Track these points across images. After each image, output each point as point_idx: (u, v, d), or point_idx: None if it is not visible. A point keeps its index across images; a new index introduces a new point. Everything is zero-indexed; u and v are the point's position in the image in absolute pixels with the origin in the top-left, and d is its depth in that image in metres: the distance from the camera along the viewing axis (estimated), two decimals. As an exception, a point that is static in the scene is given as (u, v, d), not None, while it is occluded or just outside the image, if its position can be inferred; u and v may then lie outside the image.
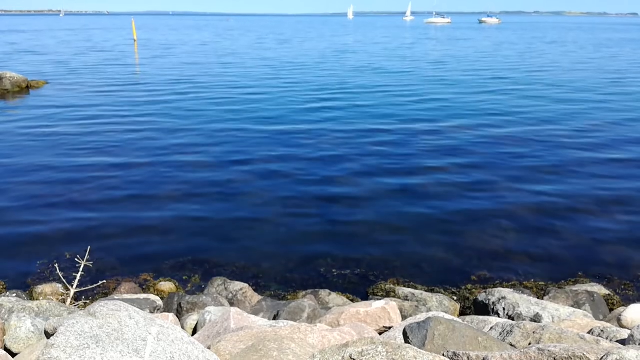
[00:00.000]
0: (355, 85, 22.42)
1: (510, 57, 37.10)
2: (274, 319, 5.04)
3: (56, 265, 5.95)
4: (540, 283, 6.34)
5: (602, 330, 3.98)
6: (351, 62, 32.62)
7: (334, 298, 5.87)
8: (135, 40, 51.93)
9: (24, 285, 6.23)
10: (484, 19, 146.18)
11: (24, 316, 3.88)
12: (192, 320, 4.78)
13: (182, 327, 4.72)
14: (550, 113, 16.25)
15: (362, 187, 9.56)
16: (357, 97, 19.33)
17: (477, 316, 4.89)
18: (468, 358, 2.76)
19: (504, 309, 5.16)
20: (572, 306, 5.35)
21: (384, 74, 26.75)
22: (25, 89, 20.76)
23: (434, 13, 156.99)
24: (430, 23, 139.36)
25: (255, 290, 6.06)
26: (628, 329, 4.23)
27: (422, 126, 14.42)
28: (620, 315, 4.71)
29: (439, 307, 5.64)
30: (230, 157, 11.46)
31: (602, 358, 2.48)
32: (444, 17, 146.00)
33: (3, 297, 5.26)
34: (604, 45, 50.91)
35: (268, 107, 17.27)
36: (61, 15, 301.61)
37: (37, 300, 5.16)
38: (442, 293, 6.08)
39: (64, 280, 5.71)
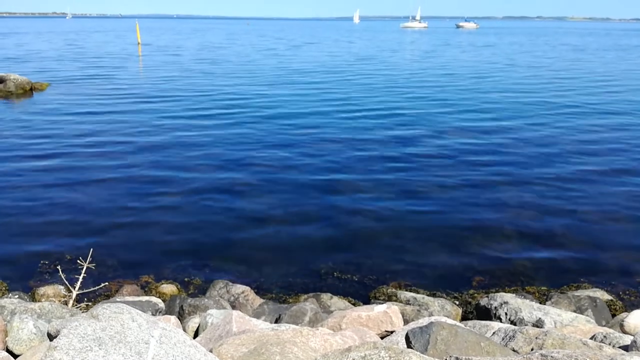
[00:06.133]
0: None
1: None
2: (276, 322, 5.03)
3: (58, 267, 5.96)
4: (542, 288, 6.32)
5: (604, 336, 3.97)
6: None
7: (335, 302, 5.86)
8: (139, 43, 52.13)
9: (26, 287, 6.23)
10: (461, 24, 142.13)
11: (26, 318, 3.88)
12: (193, 323, 4.77)
13: (184, 330, 4.72)
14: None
15: (364, 190, 9.56)
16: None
17: (479, 321, 4.88)
18: (470, 363, 2.75)
19: (506, 313, 5.15)
20: (575, 311, 5.33)
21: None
22: (29, 90, 20.84)
23: (410, 17, 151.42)
24: (407, 27, 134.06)
25: (256, 294, 6.06)
26: (631, 334, 4.22)
27: (424, 130, 14.43)
28: (622, 321, 4.69)
29: (441, 311, 5.63)
30: (233, 160, 11.48)
31: (604, 364, 2.47)
32: (420, 22, 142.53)
33: (5, 299, 5.27)
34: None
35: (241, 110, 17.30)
36: (68, 18, 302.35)
37: (39, 302, 5.16)
38: (444, 297, 6.06)
39: (66, 282, 5.71)
